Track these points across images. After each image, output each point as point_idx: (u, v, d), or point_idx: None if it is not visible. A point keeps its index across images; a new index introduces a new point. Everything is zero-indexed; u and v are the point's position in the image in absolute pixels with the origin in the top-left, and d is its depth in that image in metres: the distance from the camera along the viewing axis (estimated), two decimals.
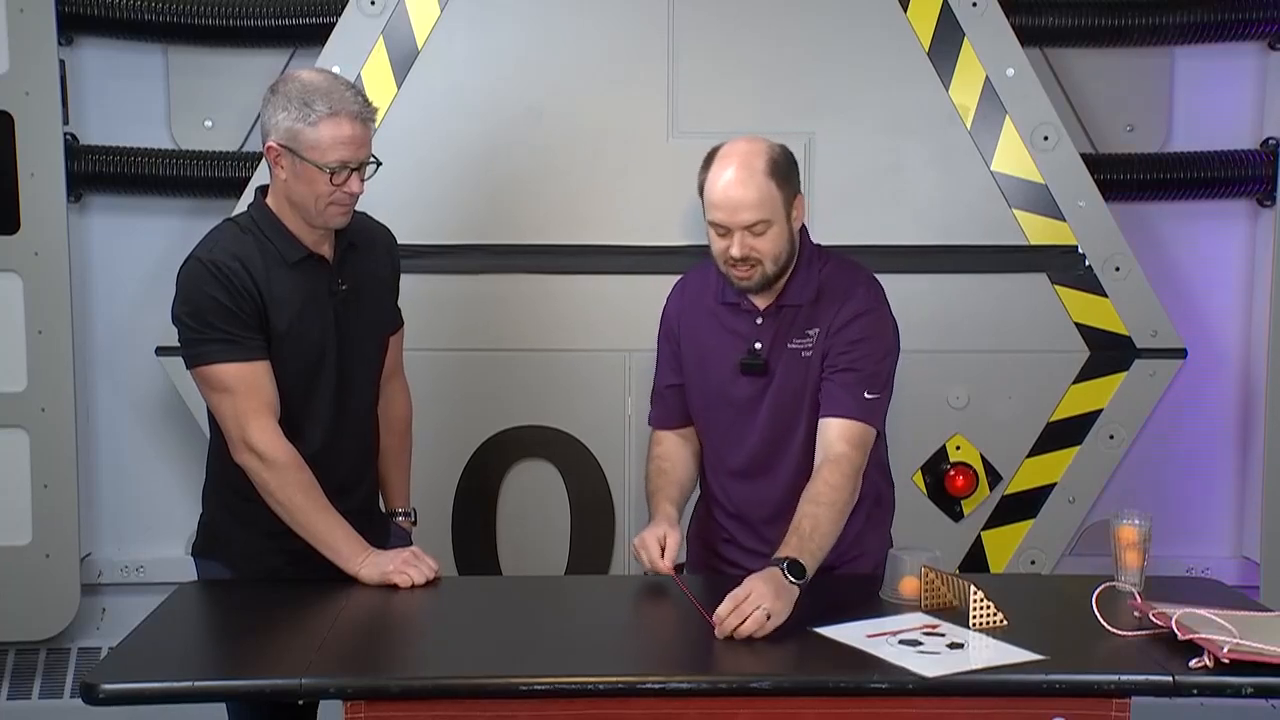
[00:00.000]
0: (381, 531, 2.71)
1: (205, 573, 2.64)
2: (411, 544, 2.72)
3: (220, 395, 2.46)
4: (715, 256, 2.54)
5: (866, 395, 2.53)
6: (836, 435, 2.51)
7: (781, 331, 2.58)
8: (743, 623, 2.19)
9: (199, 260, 2.47)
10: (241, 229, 2.52)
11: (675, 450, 2.72)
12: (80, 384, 3.55)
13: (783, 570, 2.28)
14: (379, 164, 2.50)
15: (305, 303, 2.50)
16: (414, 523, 2.84)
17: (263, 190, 2.56)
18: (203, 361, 2.46)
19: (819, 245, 2.64)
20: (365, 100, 2.47)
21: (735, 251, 2.48)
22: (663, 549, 2.51)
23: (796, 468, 2.58)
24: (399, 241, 2.78)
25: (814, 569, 2.39)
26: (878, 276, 2.66)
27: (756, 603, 2.22)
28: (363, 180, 2.48)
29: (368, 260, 2.63)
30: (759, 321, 2.59)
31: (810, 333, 2.56)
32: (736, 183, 2.46)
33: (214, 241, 2.51)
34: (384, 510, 2.82)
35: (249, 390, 2.44)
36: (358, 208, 2.55)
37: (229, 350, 2.43)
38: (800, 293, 2.57)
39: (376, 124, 2.52)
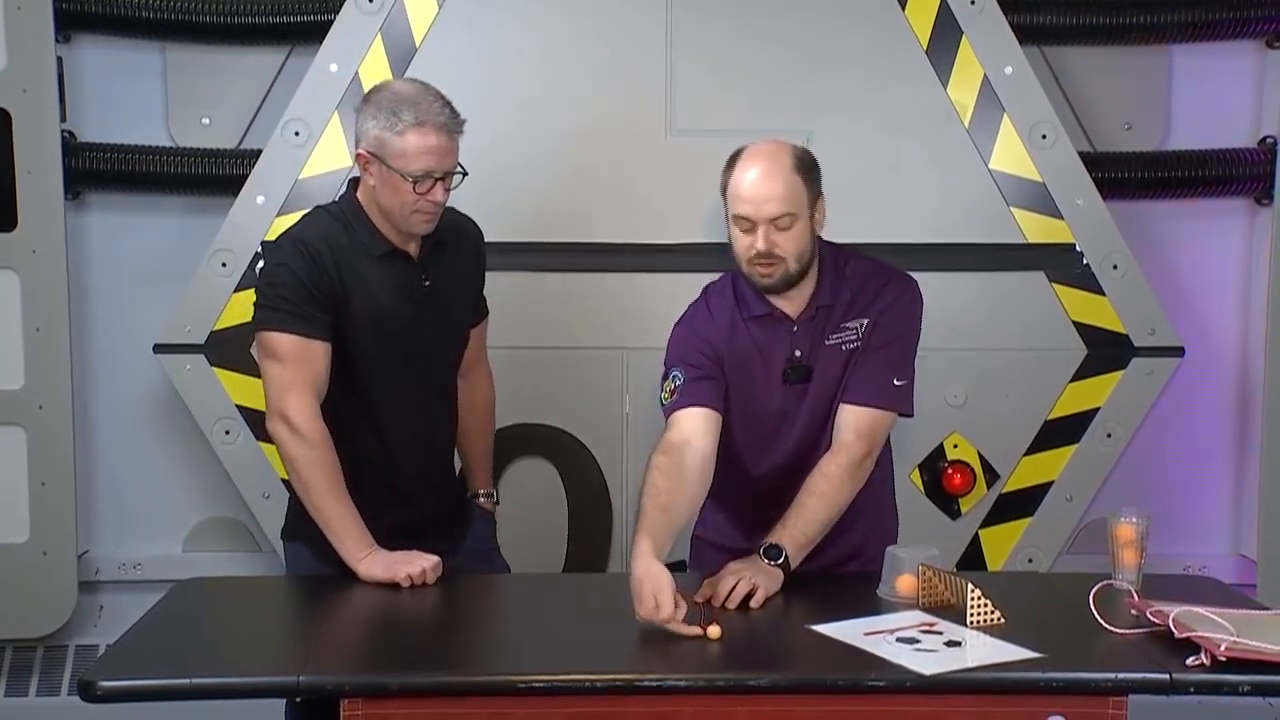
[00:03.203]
0: (460, 517, 2.78)
1: (291, 556, 2.68)
2: (495, 525, 2.83)
3: (273, 362, 2.52)
4: (738, 256, 2.52)
5: (896, 381, 2.57)
6: (847, 423, 2.55)
7: (818, 333, 2.58)
8: (730, 593, 2.31)
9: (290, 237, 2.57)
10: (334, 216, 2.59)
11: (674, 466, 2.44)
12: (78, 381, 3.54)
13: (759, 554, 2.41)
14: (465, 174, 2.56)
15: (387, 295, 2.56)
16: (496, 503, 2.90)
17: (354, 182, 2.62)
18: (266, 326, 2.53)
19: (834, 244, 2.63)
20: (453, 111, 2.54)
21: (760, 245, 2.47)
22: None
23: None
24: None
25: (798, 554, 2.45)
26: None
27: (735, 577, 2.35)
28: (448, 190, 2.54)
29: (454, 256, 2.68)
30: (795, 329, 2.58)
31: (850, 325, 2.57)
32: (764, 176, 2.47)
33: (306, 225, 2.60)
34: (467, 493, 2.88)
35: (300, 364, 2.50)
36: None
37: (294, 322, 2.50)
38: (834, 293, 2.57)
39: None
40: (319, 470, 2.49)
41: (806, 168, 2.52)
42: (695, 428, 2.50)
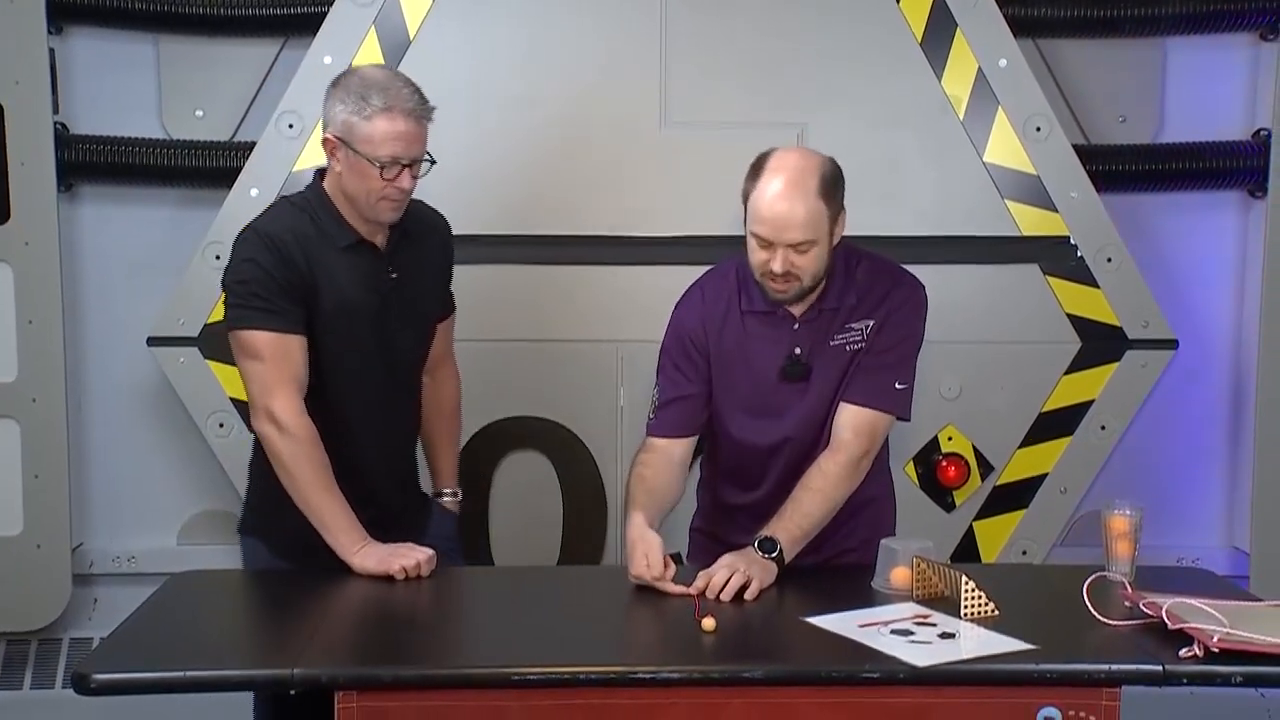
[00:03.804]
0: (421, 513, 2.75)
1: (248, 551, 2.66)
2: (455, 524, 2.80)
3: (251, 361, 2.49)
4: (754, 267, 2.50)
5: (897, 385, 2.57)
6: (846, 422, 2.55)
7: (821, 332, 2.57)
8: (724, 585, 2.32)
9: (255, 231, 2.52)
10: (298, 208, 2.56)
11: (661, 461, 2.60)
12: (71, 374, 3.53)
13: (753, 546, 2.42)
14: (433, 162, 2.53)
15: (354, 287, 2.54)
16: (460, 501, 2.87)
17: (321, 173, 2.59)
18: (241, 325, 2.49)
19: (847, 242, 2.59)
20: (422, 98, 2.50)
21: (776, 267, 2.44)
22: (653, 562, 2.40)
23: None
24: None
25: (793, 548, 2.45)
26: None
27: (729, 570, 2.35)
28: (415, 177, 2.51)
29: (421, 248, 2.66)
30: (796, 327, 2.57)
31: (855, 326, 2.56)
32: (786, 199, 2.41)
33: (271, 216, 2.56)
34: (430, 491, 2.86)
35: (280, 360, 2.47)
36: None
37: (268, 318, 2.47)
38: (840, 296, 2.56)
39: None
40: (308, 465, 2.47)
41: (830, 189, 2.46)
42: (669, 446, 2.62)
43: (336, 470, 2.55)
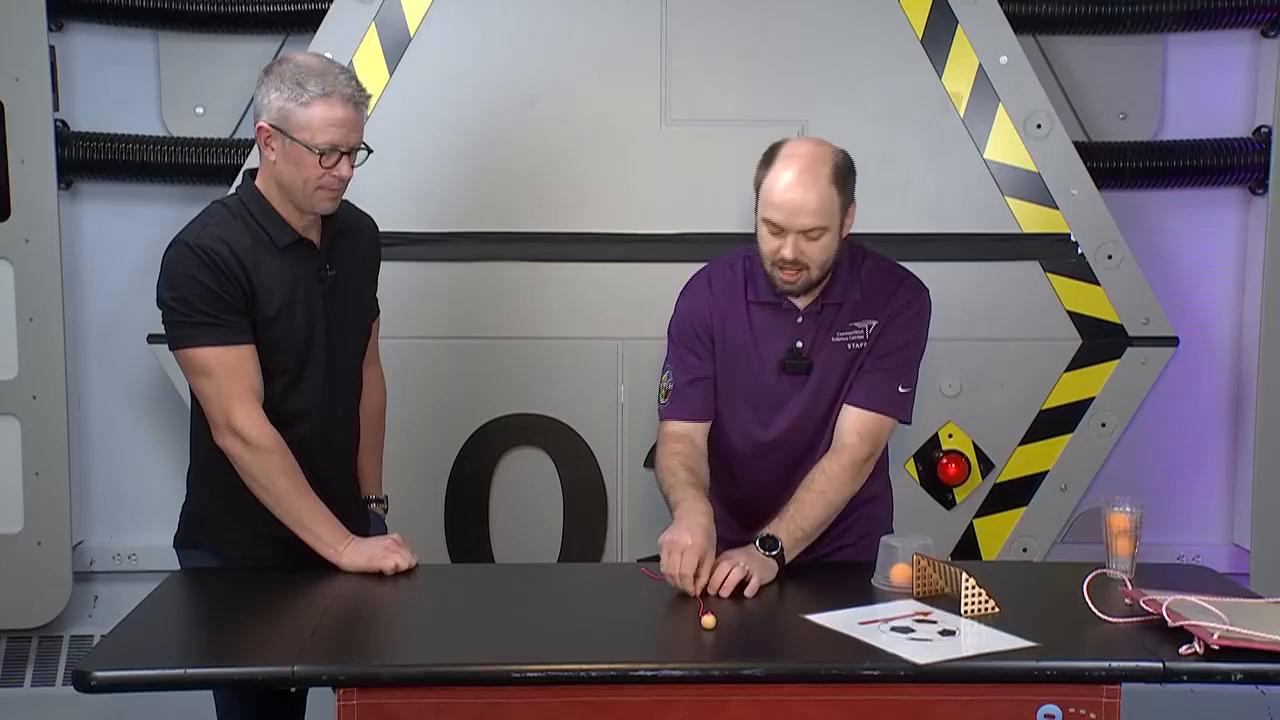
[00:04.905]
0: (362, 519, 2.71)
1: (191, 564, 2.60)
2: (386, 530, 2.73)
3: (204, 379, 2.44)
4: (764, 255, 2.50)
5: (900, 389, 2.57)
6: (850, 425, 2.56)
7: (824, 327, 2.57)
8: (724, 580, 2.31)
9: (185, 244, 2.45)
10: (231, 212, 2.49)
11: (689, 446, 2.59)
12: (72, 371, 3.54)
13: (755, 544, 2.41)
14: (370, 151, 2.49)
15: (294, 288, 2.49)
16: (386, 509, 2.82)
17: (251, 173, 2.54)
18: (187, 344, 2.44)
19: (853, 240, 2.60)
20: (359, 85, 2.46)
21: (788, 254, 2.45)
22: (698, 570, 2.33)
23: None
24: (392, 229, 2.77)
25: (793, 547, 2.45)
26: None
27: (729, 564, 2.34)
28: (352, 166, 2.46)
29: (354, 247, 2.62)
30: (800, 320, 2.58)
31: (859, 325, 2.56)
32: (799, 186, 2.43)
33: (202, 225, 2.48)
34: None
35: (233, 374, 2.42)
36: (346, 196, 2.54)
37: (214, 334, 2.42)
38: (844, 291, 2.57)
39: (369, 111, 2.51)
40: (280, 475, 2.44)
41: (843, 177, 2.48)
42: (686, 430, 2.61)
43: None
